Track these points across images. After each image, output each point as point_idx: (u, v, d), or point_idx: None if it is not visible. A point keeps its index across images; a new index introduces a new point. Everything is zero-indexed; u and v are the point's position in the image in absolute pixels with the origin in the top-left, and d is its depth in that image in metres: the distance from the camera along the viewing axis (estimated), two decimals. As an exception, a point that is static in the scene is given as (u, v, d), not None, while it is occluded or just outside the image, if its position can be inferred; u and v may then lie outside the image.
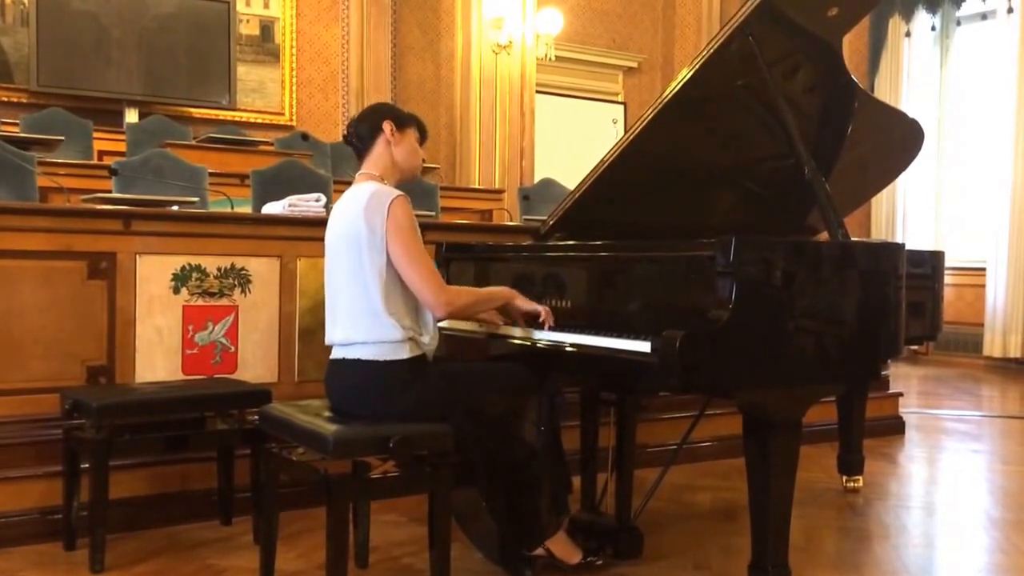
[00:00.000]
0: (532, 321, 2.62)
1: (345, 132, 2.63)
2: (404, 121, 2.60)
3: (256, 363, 3.37)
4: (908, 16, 8.61)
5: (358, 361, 2.41)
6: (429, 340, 2.47)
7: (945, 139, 8.56)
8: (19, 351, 2.97)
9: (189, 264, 3.25)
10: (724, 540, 3.00)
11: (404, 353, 2.40)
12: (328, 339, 2.53)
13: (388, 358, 2.39)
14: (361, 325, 2.41)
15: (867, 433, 3.77)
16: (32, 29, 6.77)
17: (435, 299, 2.41)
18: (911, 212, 8.64)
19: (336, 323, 2.49)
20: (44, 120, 6.13)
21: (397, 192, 2.43)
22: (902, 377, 6.96)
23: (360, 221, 2.39)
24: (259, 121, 7.76)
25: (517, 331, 2.65)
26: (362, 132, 2.56)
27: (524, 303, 2.61)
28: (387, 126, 2.55)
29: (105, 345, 3.11)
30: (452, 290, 2.50)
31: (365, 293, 2.40)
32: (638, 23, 9.69)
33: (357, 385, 2.43)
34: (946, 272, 3.79)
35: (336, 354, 2.49)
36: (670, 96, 2.75)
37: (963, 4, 8.31)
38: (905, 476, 4.11)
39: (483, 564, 2.71)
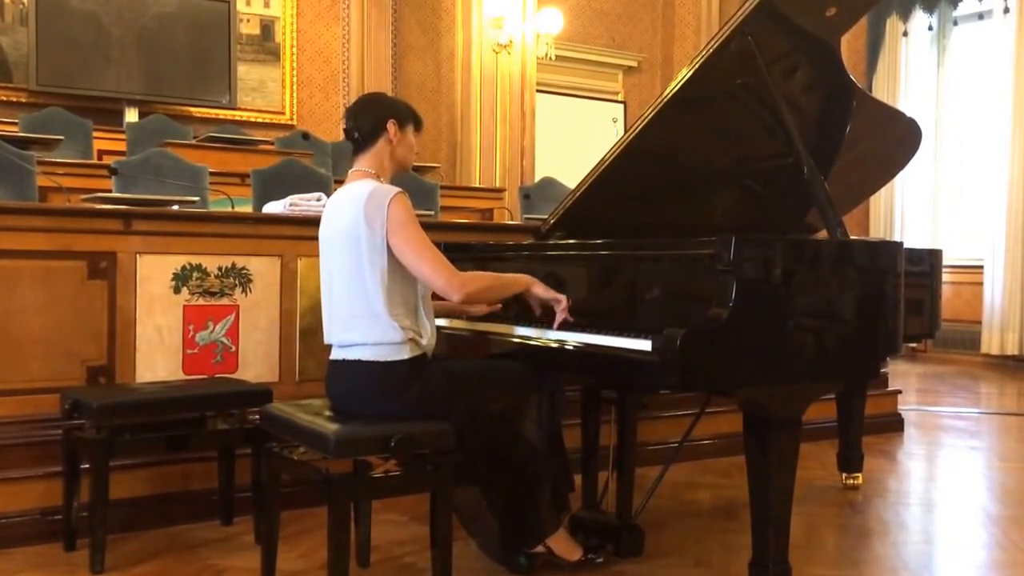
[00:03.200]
0: (545, 315, 2.58)
1: (345, 124, 2.56)
2: (404, 119, 2.58)
3: (257, 362, 3.37)
4: (905, 16, 8.62)
5: (359, 362, 2.41)
6: (427, 340, 2.46)
7: (942, 138, 8.57)
8: (19, 351, 2.97)
9: (190, 264, 3.25)
10: (725, 537, 3.00)
11: (405, 353, 2.39)
12: (327, 338, 2.52)
13: (389, 359, 2.38)
14: (361, 326, 2.40)
15: (866, 430, 3.78)
16: (31, 28, 6.76)
17: (448, 285, 2.38)
18: (909, 211, 8.65)
19: (334, 322, 2.49)
20: (43, 119, 6.12)
21: (395, 189, 2.42)
22: (901, 375, 6.97)
23: (360, 222, 2.37)
24: (259, 120, 7.77)
25: (518, 329, 2.65)
26: (365, 128, 2.52)
27: (544, 291, 2.54)
28: (392, 127, 2.53)
29: (105, 345, 3.10)
30: (466, 274, 2.48)
31: (365, 295, 2.39)
32: (638, 23, 9.70)
33: (358, 386, 2.42)
34: (944, 270, 3.80)
35: (336, 355, 2.49)
36: (670, 95, 2.76)
37: (960, 4, 8.31)
38: (904, 473, 4.12)
39: (485, 562, 2.71)
